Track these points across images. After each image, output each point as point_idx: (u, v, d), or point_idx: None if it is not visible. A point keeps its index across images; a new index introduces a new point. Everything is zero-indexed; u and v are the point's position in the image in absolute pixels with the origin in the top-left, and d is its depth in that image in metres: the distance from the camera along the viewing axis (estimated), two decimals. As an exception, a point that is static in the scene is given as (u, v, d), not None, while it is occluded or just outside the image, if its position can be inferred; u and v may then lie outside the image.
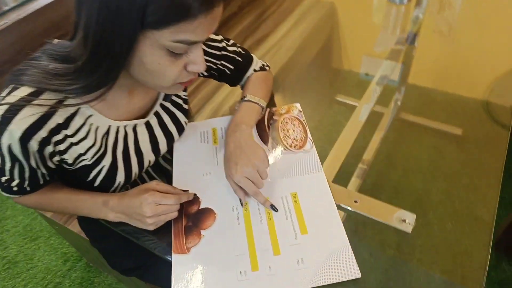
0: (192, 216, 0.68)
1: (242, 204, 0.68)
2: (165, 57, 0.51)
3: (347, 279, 0.57)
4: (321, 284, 0.57)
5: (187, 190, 0.70)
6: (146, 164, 0.72)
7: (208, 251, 0.63)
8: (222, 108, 0.96)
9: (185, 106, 0.78)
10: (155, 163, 0.77)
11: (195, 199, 0.70)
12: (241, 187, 0.66)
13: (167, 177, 0.77)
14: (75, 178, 0.65)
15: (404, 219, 0.65)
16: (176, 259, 0.62)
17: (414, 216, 0.65)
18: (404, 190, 0.72)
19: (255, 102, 0.78)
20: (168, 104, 0.74)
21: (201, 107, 0.98)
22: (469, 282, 0.57)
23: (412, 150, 0.80)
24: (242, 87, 0.87)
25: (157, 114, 0.72)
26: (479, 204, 0.67)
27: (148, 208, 0.61)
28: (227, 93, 1.01)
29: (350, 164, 0.77)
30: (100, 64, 0.50)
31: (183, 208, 0.69)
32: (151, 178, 0.80)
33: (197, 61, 0.54)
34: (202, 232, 0.65)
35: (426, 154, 0.79)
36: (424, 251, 0.62)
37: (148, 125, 0.71)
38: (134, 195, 0.64)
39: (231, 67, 0.81)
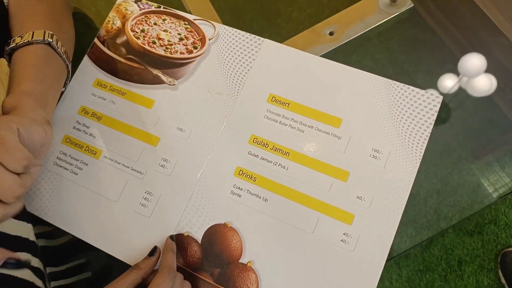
0: (206, 261, 0.39)
1: None
2: None
3: (435, 113, 0.40)
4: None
5: (154, 247, 0.38)
6: None
7: (286, 271, 0.39)
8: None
9: None
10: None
11: (180, 239, 0.40)
12: None
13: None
14: None
15: None
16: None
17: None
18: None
19: (32, 42, 0.38)
20: None
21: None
22: None
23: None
24: None
25: None
26: None
27: None
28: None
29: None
30: None
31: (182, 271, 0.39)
32: None
33: None
34: (243, 261, 0.38)
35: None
36: None
37: None
38: None
39: None
